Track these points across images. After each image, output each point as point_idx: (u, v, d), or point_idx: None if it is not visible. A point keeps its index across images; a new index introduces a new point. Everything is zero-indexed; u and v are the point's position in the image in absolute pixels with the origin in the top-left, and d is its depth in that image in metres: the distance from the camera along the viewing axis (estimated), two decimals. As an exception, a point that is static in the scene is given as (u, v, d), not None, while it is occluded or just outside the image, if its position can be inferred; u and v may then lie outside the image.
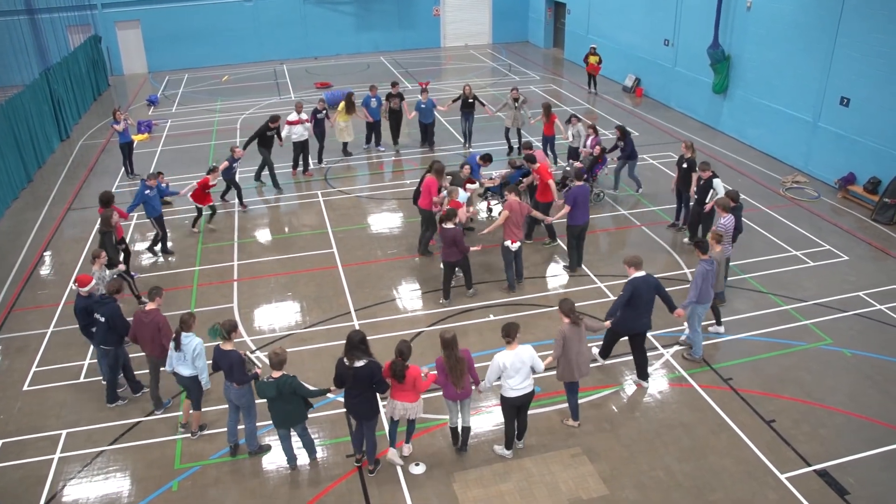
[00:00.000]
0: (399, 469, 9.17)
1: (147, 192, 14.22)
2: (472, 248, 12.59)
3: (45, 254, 15.46)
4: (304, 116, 18.44)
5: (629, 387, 10.65)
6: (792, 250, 14.52)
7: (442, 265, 12.94)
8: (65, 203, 18.12)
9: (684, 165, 14.69)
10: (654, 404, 10.30)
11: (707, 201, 13.70)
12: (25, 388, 11.07)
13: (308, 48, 34.48)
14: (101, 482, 9.19)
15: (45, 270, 14.77)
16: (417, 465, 9.22)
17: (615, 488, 8.82)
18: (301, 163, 19.07)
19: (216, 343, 9.00)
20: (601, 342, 10.95)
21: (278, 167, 18.50)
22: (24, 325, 12.80)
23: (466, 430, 9.30)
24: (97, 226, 13.17)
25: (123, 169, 19.60)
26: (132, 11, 31.93)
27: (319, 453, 9.52)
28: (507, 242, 12.74)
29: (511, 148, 19.90)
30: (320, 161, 19.75)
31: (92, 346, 11.21)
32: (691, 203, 14.55)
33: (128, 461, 9.51)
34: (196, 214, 15.93)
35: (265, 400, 8.77)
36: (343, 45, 34.96)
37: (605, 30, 28.84)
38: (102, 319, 9.99)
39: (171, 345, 9.36)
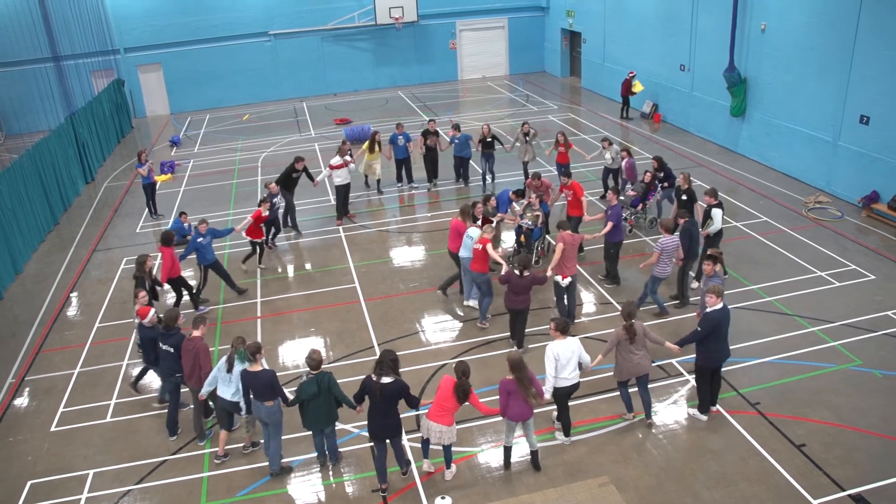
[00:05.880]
0: (424, 502, 9.13)
1: (200, 239, 13.89)
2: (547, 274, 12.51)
3: (71, 295, 15.67)
4: (347, 159, 17.84)
5: (656, 415, 10.50)
6: (817, 271, 14.35)
7: (508, 312, 12.22)
8: (90, 244, 18.39)
9: (683, 197, 14.48)
10: (681, 431, 10.15)
11: (702, 229, 13.51)
12: (53, 428, 11.16)
13: (327, 85, 34.95)
14: (127, 522, 9.22)
15: (71, 311, 14.96)
16: (443, 497, 9.13)
17: (644, 518, 8.69)
18: (344, 207, 18.56)
19: (243, 367, 9.27)
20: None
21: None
22: (52, 366, 12.94)
23: (535, 453, 9.53)
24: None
25: (147, 210, 19.92)
26: (154, 55, 32.60)
27: (348, 488, 9.51)
28: (558, 278, 12.54)
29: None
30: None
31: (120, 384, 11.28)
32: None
33: (154, 500, 9.53)
34: (251, 251, 15.89)
35: (297, 407, 9.27)
36: (361, 81, 35.39)
37: (621, 57, 28.97)
38: (172, 350, 10.17)
39: (223, 366, 9.53)
